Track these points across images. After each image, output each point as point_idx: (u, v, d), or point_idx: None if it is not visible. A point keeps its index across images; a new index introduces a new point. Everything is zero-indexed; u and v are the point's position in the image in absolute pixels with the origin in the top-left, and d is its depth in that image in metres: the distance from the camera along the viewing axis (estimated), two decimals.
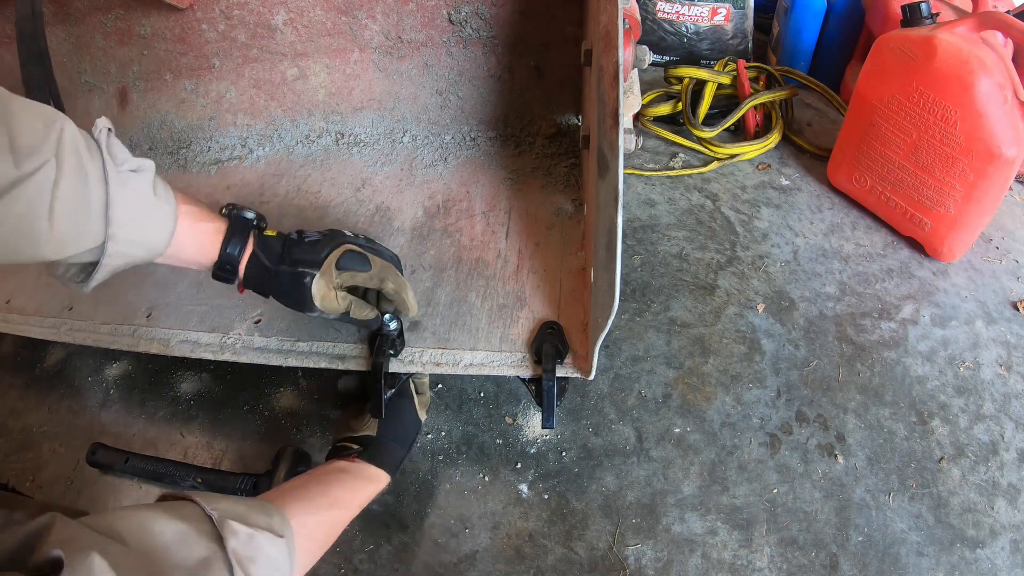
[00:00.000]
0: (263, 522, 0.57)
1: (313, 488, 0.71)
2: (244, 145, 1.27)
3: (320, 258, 0.77)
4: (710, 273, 1.18)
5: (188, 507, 0.54)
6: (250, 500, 0.61)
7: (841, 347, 1.06)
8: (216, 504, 0.55)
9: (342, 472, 0.76)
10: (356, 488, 0.76)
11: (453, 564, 0.86)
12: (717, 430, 0.97)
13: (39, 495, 0.95)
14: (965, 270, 1.18)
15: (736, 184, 1.36)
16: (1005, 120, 0.99)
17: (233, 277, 0.75)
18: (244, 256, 0.75)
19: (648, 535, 0.87)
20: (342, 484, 0.74)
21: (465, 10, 1.11)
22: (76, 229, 0.60)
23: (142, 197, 0.65)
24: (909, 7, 1.10)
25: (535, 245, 1.03)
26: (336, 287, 0.79)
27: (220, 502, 0.56)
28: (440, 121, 1.25)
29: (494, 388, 1.04)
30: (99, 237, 0.62)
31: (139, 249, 0.66)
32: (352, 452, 0.80)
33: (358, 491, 0.76)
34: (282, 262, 0.76)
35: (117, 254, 0.64)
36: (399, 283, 0.82)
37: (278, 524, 0.59)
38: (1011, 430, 0.96)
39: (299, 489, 0.70)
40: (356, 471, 0.78)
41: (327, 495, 0.70)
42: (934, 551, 0.85)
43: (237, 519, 0.54)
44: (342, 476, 0.75)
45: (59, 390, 1.08)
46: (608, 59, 0.66)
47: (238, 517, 0.55)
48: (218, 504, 0.55)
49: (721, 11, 1.63)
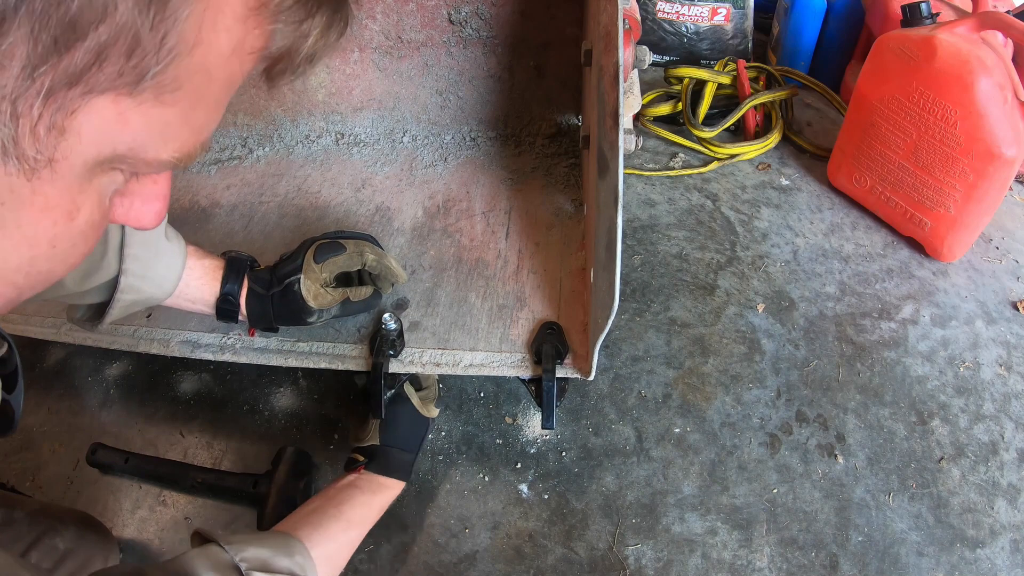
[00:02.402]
0: (286, 564, 0.60)
1: (329, 512, 0.72)
2: (244, 145, 1.27)
3: (298, 263, 0.82)
4: (710, 273, 1.18)
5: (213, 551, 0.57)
6: (273, 538, 0.63)
7: (841, 347, 1.06)
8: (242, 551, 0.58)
9: (353, 488, 0.77)
10: (368, 504, 0.77)
11: (453, 564, 0.86)
12: (717, 430, 0.97)
13: (39, 495, 0.95)
14: (965, 270, 1.18)
15: (736, 184, 1.36)
16: (1005, 120, 0.99)
17: (235, 311, 0.81)
18: (242, 293, 0.81)
19: (648, 535, 0.87)
20: (354, 503, 0.75)
21: (465, 10, 1.11)
22: (94, 263, 0.67)
23: (154, 238, 0.72)
24: (909, 7, 1.10)
25: (535, 245, 1.03)
26: (323, 283, 0.82)
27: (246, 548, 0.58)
28: (440, 121, 1.25)
29: (494, 388, 1.03)
30: (113, 271, 0.69)
31: (150, 285, 0.72)
32: (359, 465, 0.80)
33: (371, 506, 0.77)
34: (272, 285, 0.82)
35: (130, 288, 0.70)
36: (378, 253, 0.86)
37: (300, 563, 0.62)
38: (1011, 430, 0.96)
39: (315, 515, 0.71)
40: (366, 485, 0.79)
41: (341, 517, 0.72)
42: (934, 551, 0.85)
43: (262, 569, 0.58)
44: (353, 493, 0.76)
45: (59, 390, 1.08)
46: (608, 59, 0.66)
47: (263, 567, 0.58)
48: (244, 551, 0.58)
49: (721, 11, 1.63)
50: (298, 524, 0.69)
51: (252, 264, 0.84)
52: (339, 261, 0.83)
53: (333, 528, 0.70)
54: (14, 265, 0.29)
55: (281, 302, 0.82)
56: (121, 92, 0.26)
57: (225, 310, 0.81)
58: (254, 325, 0.85)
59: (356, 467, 0.80)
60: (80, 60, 0.24)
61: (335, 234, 0.88)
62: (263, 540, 0.61)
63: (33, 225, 0.28)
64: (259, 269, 0.85)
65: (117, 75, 0.25)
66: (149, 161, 0.29)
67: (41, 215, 0.28)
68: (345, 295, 0.85)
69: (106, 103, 0.26)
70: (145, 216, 0.34)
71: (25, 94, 0.24)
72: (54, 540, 0.73)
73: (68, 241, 0.30)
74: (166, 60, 0.26)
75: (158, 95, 0.27)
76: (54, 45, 0.23)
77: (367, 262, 0.85)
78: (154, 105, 0.27)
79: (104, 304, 0.71)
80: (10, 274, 0.29)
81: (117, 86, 0.26)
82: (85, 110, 0.26)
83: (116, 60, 0.25)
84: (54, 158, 0.26)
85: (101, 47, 0.24)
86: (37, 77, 0.24)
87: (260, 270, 0.84)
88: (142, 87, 0.26)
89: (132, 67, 0.25)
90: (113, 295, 0.70)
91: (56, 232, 0.29)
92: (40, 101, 0.24)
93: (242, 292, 0.81)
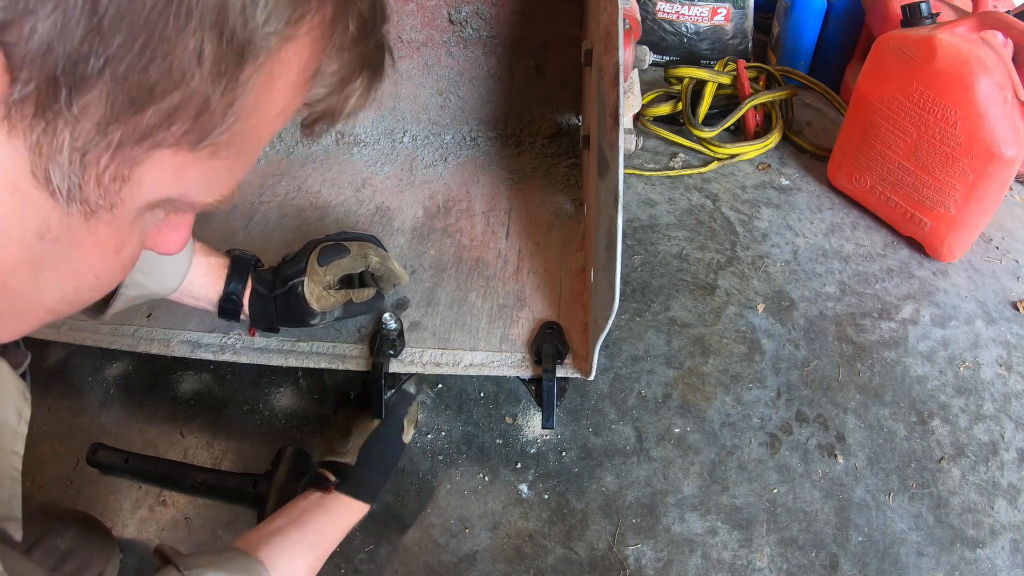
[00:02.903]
0: None
1: (292, 534, 0.69)
2: None
3: (302, 266, 0.82)
4: (710, 273, 1.18)
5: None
6: (234, 561, 0.61)
7: (841, 347, 1.06)
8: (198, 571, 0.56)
9: (319, 508, 0.74)
10: (334, 527, 0.74)
11: (453, 564, 0.86)
12: (717, 430, 0.97)
13: (39, 495, 0.95)
14: (965, 270, 1.18)
15: (736, 184, 1.36)
16: (1005, 120, 0.99)
17: (238, 310, 0.81)
18: (246, 293, 0.81)
19: (648, 535, 0.87)
20: (318, 525, 0.72)
21: (465, 10, 1.11)
22: None
23: None
24: (909, 7, 1.10)
25: (535, 245, 1.03)
26: (326, 285, 0.83)
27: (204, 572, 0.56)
28: (440, 121, 1.25)
29: (494, 388, 1.03)
30: None
31: (154, 281, 0.72)
32: (329, 485, 0.76)
33: (336, 530, 0.74)
34: (275, 287, 0.82)
35: (133, 283, 0.70)
36: (382, 255, 0.86)
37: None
38: (1011, 430, 0.96)
39: (278, 536, 0.68)
40: (332, 505, 0.75)
41: (303, 540, 0.69)
42: (934, 551, 0.85)
43: None
44: (318, 514, 0.73)
45: (59, 390, 1.08)
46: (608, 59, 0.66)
47: None
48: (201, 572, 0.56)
49: (721, 11, 1.63)
50: (259, 544, 0.66)
51: (256, 264, 0.84)
52: (343, 264, 0.84)
53: (295, 551, 0.67)
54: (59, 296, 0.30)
55: (284, 304, 0.82)
56: (182, 147, 0.28)
57: (228, 309, 0.81)
58: (256, 325, 0.85)
59: (326, 487, 0.76)
60: (151, 120, 0.26)
61: (338, 236, 0.88)
62: (224, 563, 0.59)
63: (84, 260, 0.30)
64: (263, 269, 0.85)
65: (183, 134, 0.27)
66: (195, 204, 0.32)
67: (92, 251, 0.29)
68: (348, 297, 0.85)
69: (168, 156, 0.28)
70: (172, 243, 0.37)
71: (96, 147, 0.25)
72: (55, 540, 0.73)
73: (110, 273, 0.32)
74: (229, 123, 0.28)
75: (215, 152, 0.29)
76: (129, 104, 0.25)
77: (371, 265, 0.85)
78: (209, 159, 0.29)
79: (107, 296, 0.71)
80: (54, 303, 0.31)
81: (180, 143, 0.27)
82: (148, 163, 0.27)
83: (184, 121, 0.27)
84: (115, 203, 0.28)
85: (173, 109, 0.26)
86: (109, 132, 0.25)
87: (263, 270, 0.84)
88: (203, 145, 0.28)
89: (198, 127, 0.27)
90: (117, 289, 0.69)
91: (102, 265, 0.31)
92: (109, 154, 0.26)
93: (245, 292, 0.81)
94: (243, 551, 0.64)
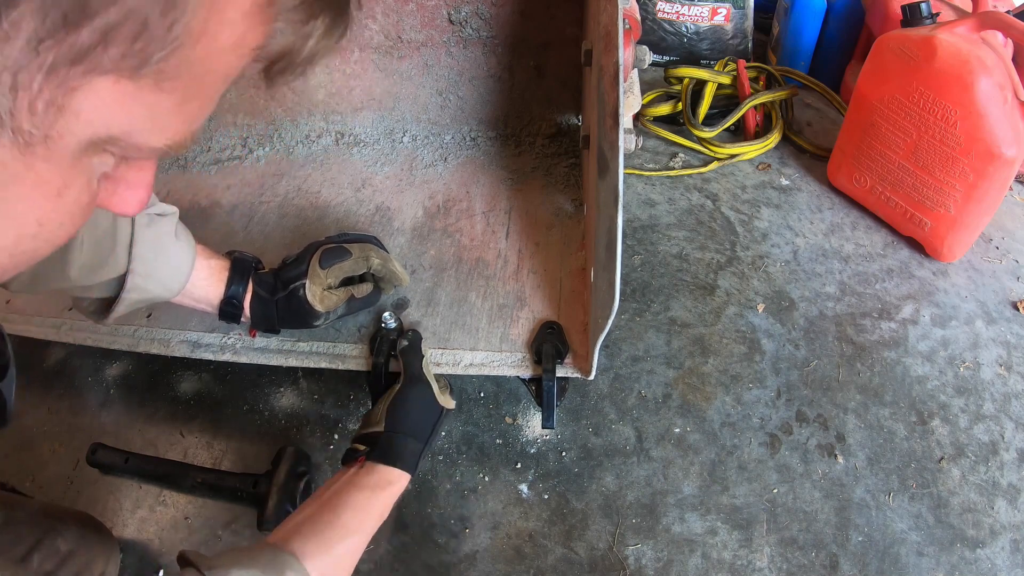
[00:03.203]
0: None
1: (324, 518, 0.64)
2: (244, 145, 1.27)
3: (304, 268, 0.82)
4: (710, 273, 1.18)
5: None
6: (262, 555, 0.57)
7: (841, 347, 1.06)
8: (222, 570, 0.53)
9: (350, 487, 0.68)
10: (369, 504, 0.68)
11: (453, 564, 0.86)
12: (717, 430, 0.97)
13: (39, 495, 0.95)
14: (965, 270, 1.18)
15: (736, 184, 1.36)
16: (1005, 120, 0.99)
17: (239, 313, 0.81)
18: (247, 295, 0.81)
19: (648, 535, 0.87)
20: (352, 504, 0.66)
21: (465, 10, 1.11)
22: (102, 259, 0.67)
23: (164, 238, 0.73)
24: (909, 7, 1.10)
25: (535, 245, 1.03)
26: (328, 287, 0.83)
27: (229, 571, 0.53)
28: (440, 121, 1.25)
29: (494, 388, 1.03)
30: (121, 268, 0.69)
31: (156, 285, 0.73)
32: (359, 455, 0.72)
33: (372, 507, 0.68)
34: (277, 290, 0.82)
35: (135, 287, 0.70)
36: (383, 256, 0.86)
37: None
38: (1011, 430, 0.96)
39: (308, 523, 0.64)
40: (365, 481, 0.69)
41: (338, 524, 0.64)
42: (934, 551, 0.85)
43: None
44: (352, 493, 0.67)
45: (59, 390, 1.08)
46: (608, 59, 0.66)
47: None
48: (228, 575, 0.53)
49: (721, 11, 1.63)
50: (290, 535, 0.62)
51: (256, 265, 0.84)
52: (345, 267, 0.84)
53: (329, 537, 0.63)
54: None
55: (286, 307, 0.82)
56: (122, 75, 0.26)
57: (228, 312, 0.81)
58: (257, 327, 0.85)
59: (356, 458, 0.71)
60: (86, 39, 0.24)
61: (339, 237, 0.87)
62: (250, 559, 0.56)
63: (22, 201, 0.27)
64: (263, 272, 0.84)
65: (121, 57, 0.25)
66: (141, 146, 0.30)
67: (31, 191, 0.27)
68: (349, 293, 0.86)
69: (106, 84, 0.26)
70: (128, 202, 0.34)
71: (27, 67, 0.24)
72: (56, 541, 0.73)
73: (55, 220, 0.29)
74: (170, 48, 0.26)
75: (158, 82, 0.27)
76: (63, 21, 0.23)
77: (372, 267, 0.86)
78: (152, 91, 0.27)
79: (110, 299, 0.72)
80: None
81: (119, 68, 0.26)
82: (85, 89, 0.26)
83: (122, 42, 0.25)
84: (50, 135, 0.26)
85: (109, 28, 0.24)
86: (41, 51, 0.24)
87: (264, 273, 0.84)
88: (143, 72, 0.26)
89: (137, 51, 0.25)
90: (120, 293, 0.70)
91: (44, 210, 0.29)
92: (42, 75, 0.24)
93: (246, 295, 0.81)
94: (272, 545, 0.60)
